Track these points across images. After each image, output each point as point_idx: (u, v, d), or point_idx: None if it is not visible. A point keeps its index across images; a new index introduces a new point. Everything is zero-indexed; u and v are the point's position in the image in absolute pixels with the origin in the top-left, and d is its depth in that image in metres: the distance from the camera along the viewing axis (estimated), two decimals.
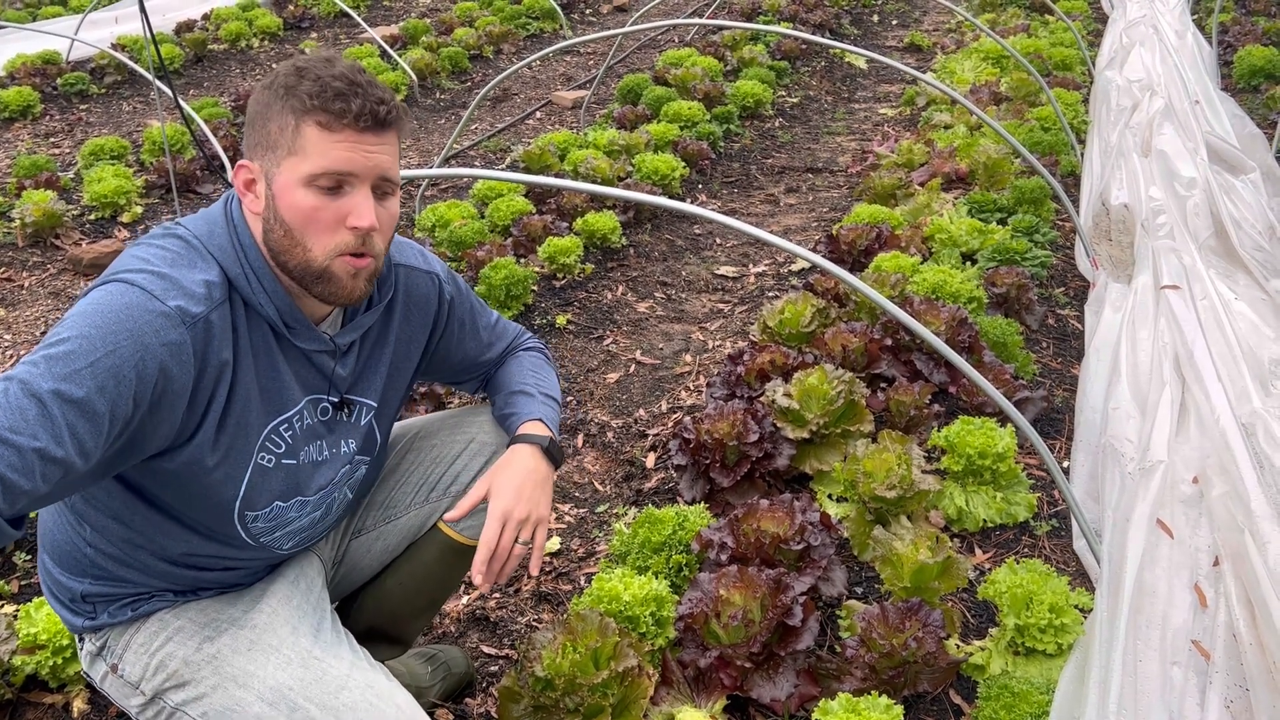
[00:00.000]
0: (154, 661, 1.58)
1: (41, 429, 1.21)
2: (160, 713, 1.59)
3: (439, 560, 1.92)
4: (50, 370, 1.25)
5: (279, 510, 1.59)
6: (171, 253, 1.43)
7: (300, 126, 1.41)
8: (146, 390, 1.32)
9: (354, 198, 1.44)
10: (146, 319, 1.33)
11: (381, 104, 1.42)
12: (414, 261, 1.72)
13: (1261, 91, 6.42)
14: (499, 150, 6.35)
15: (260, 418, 1.50)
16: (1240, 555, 2.30)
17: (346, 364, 1.61)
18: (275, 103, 1.43)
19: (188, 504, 1.52)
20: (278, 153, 1.43)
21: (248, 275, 1.46)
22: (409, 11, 10.42)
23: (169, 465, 1.44)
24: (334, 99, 1.39)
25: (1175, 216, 4.19)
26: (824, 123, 6.76)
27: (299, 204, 1.42)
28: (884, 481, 2.53)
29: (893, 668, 2.08)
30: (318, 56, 1.46)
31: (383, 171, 1.45)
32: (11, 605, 2.50)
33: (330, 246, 1.44)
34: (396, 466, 1.92)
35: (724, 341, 3.93)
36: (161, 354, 1.33)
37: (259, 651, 1.58)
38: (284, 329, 1.50)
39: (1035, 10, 8.64)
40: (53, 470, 1.22)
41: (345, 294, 1.48)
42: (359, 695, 1.53)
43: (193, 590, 1.64)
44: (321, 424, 1.60)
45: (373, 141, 1.43)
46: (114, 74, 7.68)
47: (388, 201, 1.49)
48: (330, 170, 1.41)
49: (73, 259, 4.73)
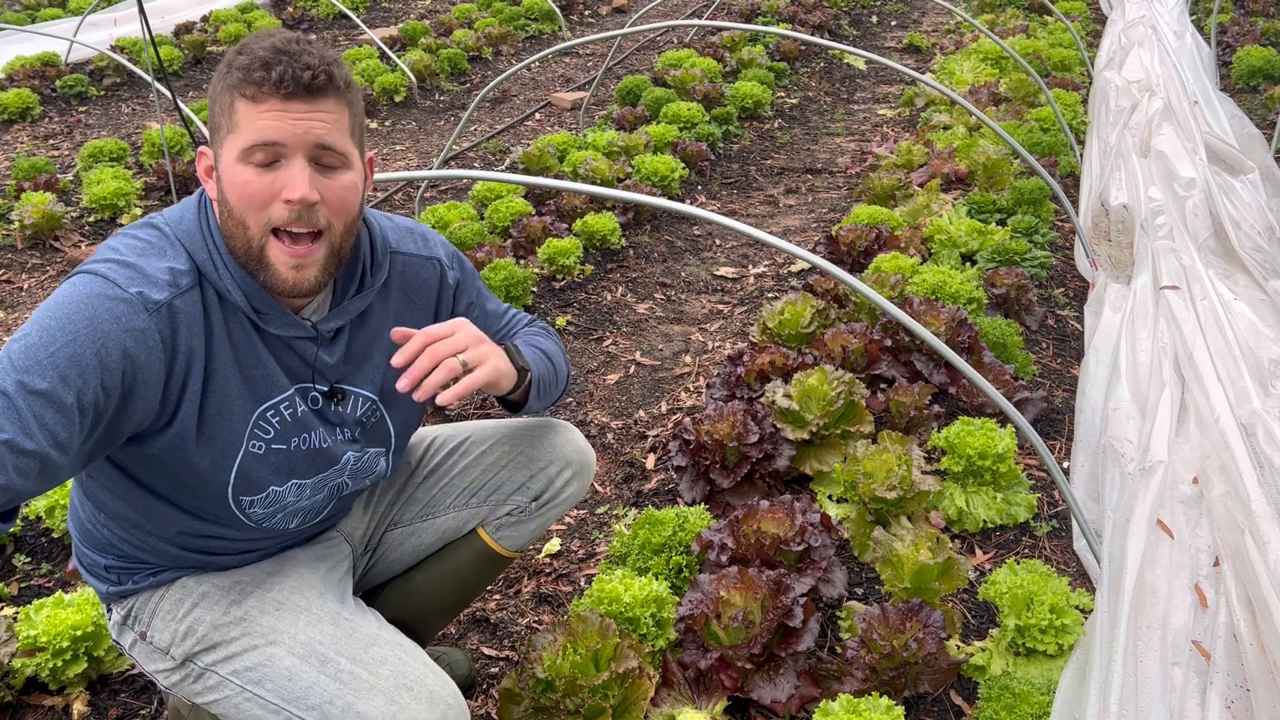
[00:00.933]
0: (182, 627, 1.61)
1: (8, 422, 1.21)
2: (189, 675, 1.61)
3: (472, 565, 1.94)
4: (12, 364, 1.26)
5: (275, 494, 1.59)
6: (143, 242, 1.43)
7: (234, 102, 1.38)
8: (115, 377, 1.32)
9: (288, 170, 1.38)
10: (106, 306, 1.33)
11: (307, 69, 1.35)
12: (412, 248, 1.69)
13: (1260, 92, 6.43)
14: (498, 152, 6.35)
15: (244, 405, 1.49)
16: (1240, 555, 2.30)
17: (333, 352, 1.58)
18: (219, 82, 1.41)
19: (181, 490, 1.53)
20: (220, 133, 1.41)
21: (214, 261, 1.44)
22: (408, 13, 10.42)
23: (152, 451, 1.45)
24: (258, 68, 1.35)
25: (1174, 217, 4.20)
26: (823, 124, 6.76)
27: (235, 179, 1.38)
28: (884, 482, 2.53)
29: (893, 669, 2.08)
30: (262, 32, 1.42)
31: (317, 139, 1.38)
32: (11, 608, 2.50)
33: (264, 221, 1.39)
34: (440, 467, 1.92)
35: (724, 342, 3.93)
36: (124, 340, 1.33)
37: (287, 611, 1.61)
38: (255, 315, 1.47)
39: (1034, 11, 8.64)
40: (26, 463, 1.22)
41: (286, 285, 1.43)
42: (389, 650, 1.57)
43: (208, 568, 1.67)
44: (313, 413, 1.58)
45: (301, 109, 1.36)
46: (113, 76, 7.68)
47: (337, 175, 1.42)
48: (257, 141, 1.36)
49: (72, 261, 4.72)
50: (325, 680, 1.53)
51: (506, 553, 1.95)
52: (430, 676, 1.56)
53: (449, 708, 1.55)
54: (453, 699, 1.56)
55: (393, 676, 1.54)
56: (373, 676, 1.53)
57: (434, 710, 1.52)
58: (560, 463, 1.91)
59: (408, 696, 1.52)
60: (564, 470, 1.91)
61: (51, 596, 2.31)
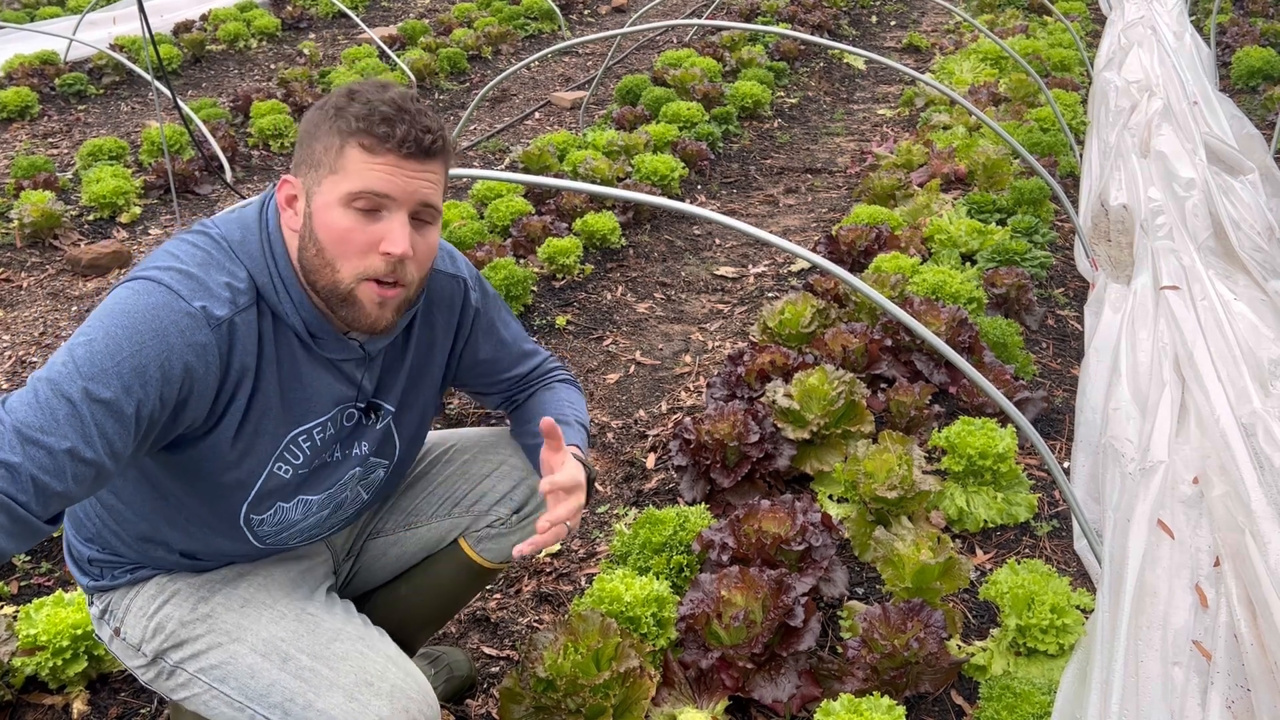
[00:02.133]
0: (152, 624, 1.61)
1: (71, 429, 1.23)
2: (161, 672, 1.62)
3: (454, 577, 1.93)
4: (78, 369, 1.26)
5: (282, 511, 1.59)
6: (202, 251, 1.44)
7: (344, 147, 1.41)
8: (173, 390, 1.33)
9: (390, 223, 1.42)
10: (172, 318, 1.34)
11: (427, 132, 1.42)
12: (441, 266, 1.71)
13: (1260, 92, 6.43)
14: (498, 151, 6.35)
15: (279, 427, 1.50)
16: (1241, 555, 2.30)
17: (373, 370, 1.61)
18: (324, 123, 1.43)
19: (198, 502, 1.53)
20: (320, 171, 1.43)
21: (275, 284, 1.46)
22: (407, 12, 10.42)
23: (180, 458, 1.45)
24: (380, 123, 1.39)
25: (1174, 217, 4.20)
26: (823, 123, 6.77)
27: (334, 223, 1.42)
28: (885, 482, 2.53)
29: (894, 668, 2.08)
30: (373, 82, 1.46)
31: (423, 199, 1.44)
32: (11, 606, 2.50)
33: (359, 269, 1.43)
34: (424, 476, 1.91)
35: (724, 342, 3.93)
36: (187, 354, 1.34)
37: (252, 608, 1.61)
38: (310, 340, 1.49)
39: (1033, 11, 8.65)
40: (84, 471, 1.24)
41: (369, 322, 1.47)
42: (351, 646, 1.57)
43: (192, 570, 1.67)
44: (343, 431, 1.60)
45: (414, 168, 1.42)
46: (112, 74, 7.67)
47: (427, 232, 1.48)
48: (368, 190, 1.40)
49: (71, 259, 4.72)
50: (286, 678, 1.53)
51: (489, 565, 1.91)
52: (393, 671, 1.56)
53: (411, 702, 1.54)
54: (416, 693, 1.56)
55: (354, 673, 1.53)
56: (333, 673, 1.53)
57: (395, 704, 1.52)
58: None
59: (368, 693, 1.51)
60: (528, 478, 1.89)
61: (51, 595, 2.31)
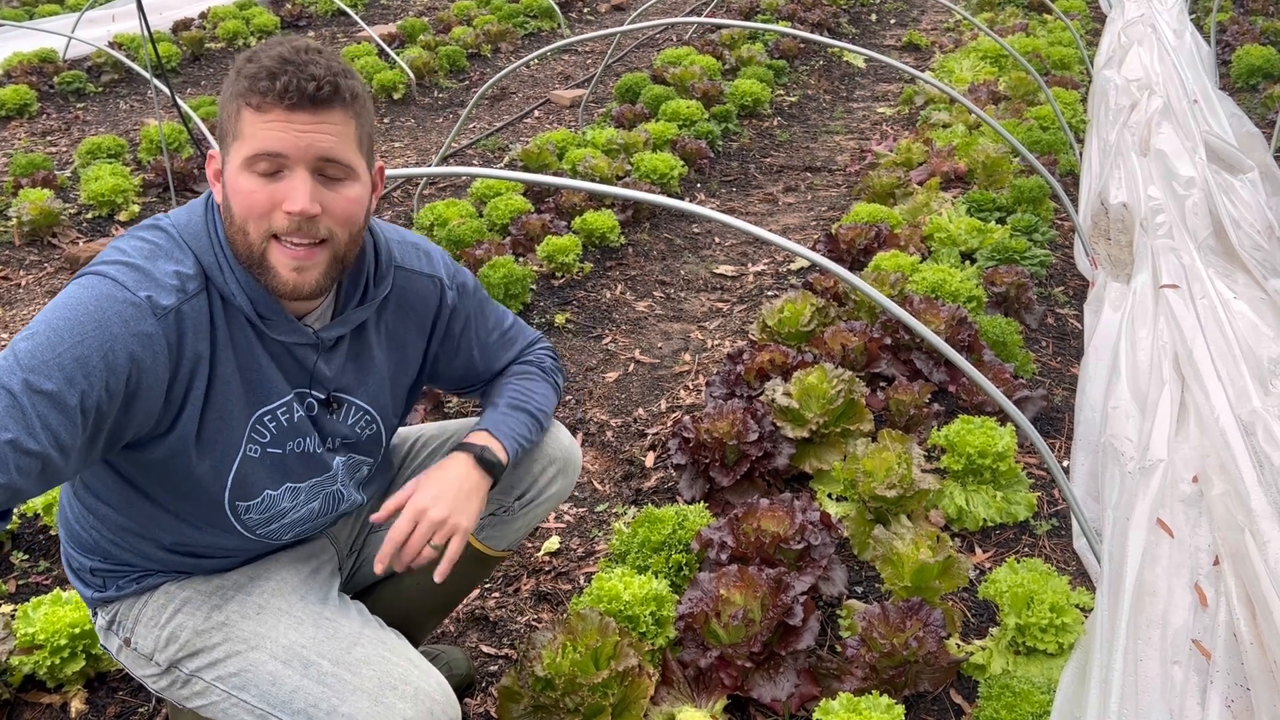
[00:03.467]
0: (165, 634, 1.60)
1: (13, 421, 1.21)
2: (175, 681, 1.61)
3: (458, 566, 1.92)
4: (19, 362, 1.25)
5: (270, 500, 1.58)
6: (150, 244, 1.43)
7: (240, 110, 1.37)
8: (119, 381, 1.31)
9: (290, 181, 1.37)
10: (115, 309, 1.33)
11: (312, 80, 1.34)
12: (415, 265, 1.69)
13: (1260, 91, 6.43)
14: (497, 149, 6.34)
15: (243, 409, 1.49)
16: (1240, 554, 2.29)
17: (333, 361, 1.58)
18: (227, 90, 1.41)
19: (179, 497, 1.52)
20: (228, 139, 1.41)
21: (220, 265, 1.43)
22: (407, 10, 10.41)
23: (152, 457, 1.44)
24: (264, 78, 1.34)
25: (1174, 216, 4.19)
26: (822, 122, 6.76)
27: (238, 188, 1.38)
28: (884, 481, 2.53)
29: (893, 667, 2.08)
30: (274, 40, 1.41)
31: (321, 152, 1.37)
32: (9, 605, 2.49)
33: (264, 229, 1.39)
34: (423, 468, 1.91)
35: (723, 340, 3.92)
36: (131, 344, 1.32)
37: (268, 614, 1.60)
38: (259, 320, 1.47)
39: (1033, 9, 8.64)
40: (28, 463, 1.22)
41: (289, 288, 1.42)
42: (372, 649, 1.56)
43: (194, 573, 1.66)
44: (309, 419, 1.58)
45: (305, 121, 1.35)
46: (111, 72, 7.67)
47: (340, 187, 1.41)
48: (259, 151, 1.35)
49: (70, 258, 4.71)
50: (309, 684, 1.52)
51: (492, 552, 1.92)
52: (415, 673, 1.55)
53: (435, 703, 1.54)
54: (439, 694, 1.56)
55: (376, 676, 1.53)
56: (356, 677, 1.52)
57: (420, 706, 1.52)
58: (544, 460, 1.89)
59: (392, 695, 1.51)
60: (548, 468, 1.89)
61: (49, 594, 2.31)
